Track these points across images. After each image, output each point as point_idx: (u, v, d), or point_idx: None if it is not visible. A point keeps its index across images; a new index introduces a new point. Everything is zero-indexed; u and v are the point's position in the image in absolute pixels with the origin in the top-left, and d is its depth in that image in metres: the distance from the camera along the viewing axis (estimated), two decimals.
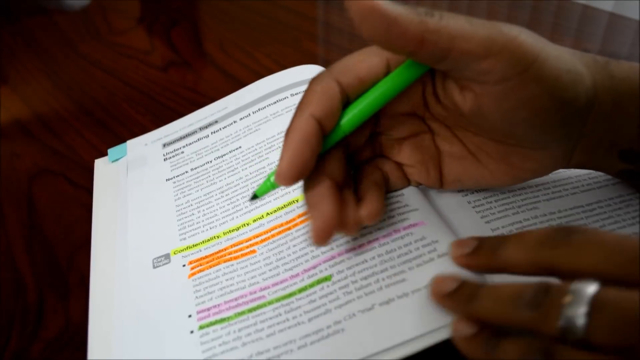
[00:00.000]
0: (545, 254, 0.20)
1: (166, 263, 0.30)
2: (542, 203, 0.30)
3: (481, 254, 0.23)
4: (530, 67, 0.21)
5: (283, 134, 0.35)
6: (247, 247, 0.29)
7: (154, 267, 0.30)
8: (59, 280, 0.31)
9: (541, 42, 0.22)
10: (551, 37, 0.57)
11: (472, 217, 0.29)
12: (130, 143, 0.41)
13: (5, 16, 0.69)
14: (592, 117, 0.24)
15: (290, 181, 0.23)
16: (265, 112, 0.38)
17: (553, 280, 0.20)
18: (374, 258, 0.26)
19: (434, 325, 0.23)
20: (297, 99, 0.37)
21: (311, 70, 0.42)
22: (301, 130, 0.23)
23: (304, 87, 0.38)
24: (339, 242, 0.27)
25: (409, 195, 0.29)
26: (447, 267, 0.24)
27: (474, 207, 0.30)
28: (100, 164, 0.38)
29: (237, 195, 0.33)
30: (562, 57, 0.23)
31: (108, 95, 0.50)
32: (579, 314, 0.18)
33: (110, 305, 0.28)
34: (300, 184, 0.25)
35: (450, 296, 0.22)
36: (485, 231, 0.28)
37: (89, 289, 0.29)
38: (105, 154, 0.39)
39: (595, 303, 0.18)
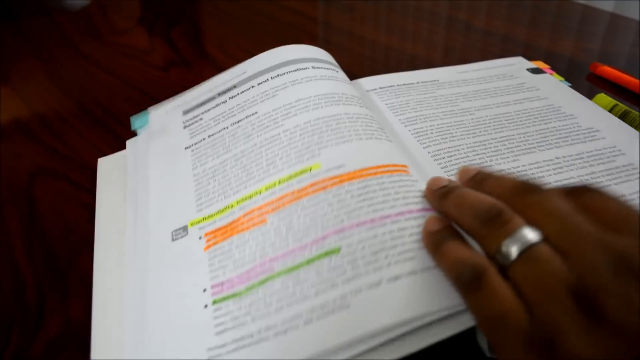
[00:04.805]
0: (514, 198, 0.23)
1: (184, 235, 0.30)
2: None
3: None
4: None
5: (300, 102, 0.35)
6: (259, 215, 0.29)
7: (173, 239, 0.29)
8: (59, 280, 0.31)
9: None
10: (551, 37, 0.57)
11: None
12: (152, 110, 0.41)
13: (6, 16, 0.69)
14: None
15: None
16: (284, 79, 0.37)
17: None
18: (384, 234, 0.25)
19: (440, 305, 0.22)
20: (319, 72, 0.37)
21: (331, 57, 0.42)
22: None
23: (327, 65, 0.39)
24: (350, 215, 0.26)
25: (423, 185, 0.28)
26: None
27: None
28: (103, 163, 0.38)
29: (251, 162, 0.32)
30: None
31: (108, 95, 0.50)
32: (511, 253, 0.20)
33: (114, 301, 0.28)
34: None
35: (433, 192, 0.26)
36: None
37: (89, 288, 0.29)
38: (105, 153, 0.39)
39: (526, 253, 0.20)
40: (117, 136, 0.41)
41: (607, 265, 0.18)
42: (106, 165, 0.38)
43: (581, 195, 0.22)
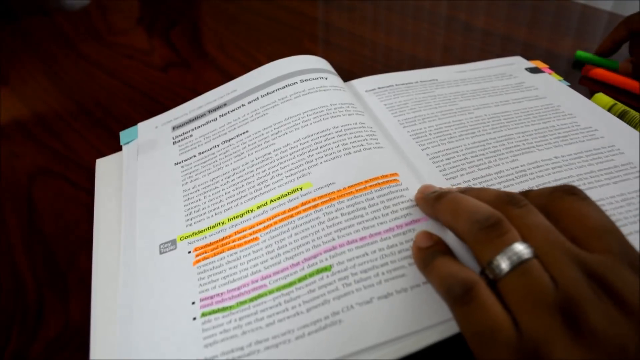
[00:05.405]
0: (500, 208, 0.23)
1: (172, 249, 0.30)
2: None
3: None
4: None
5: (290, 120, 0.35)
6: (251, 234, 0.29)
7: (161, 252, 0.30)
8: (59, 280, 0.31)
9: None
10: (550, 37, 0.57)
11: None
12: (142, 125, 0.41)
13: (5, 16, 0.69)
14: None
15: None
16: (274, 97, 0.38)
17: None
18: (375, 252, 0.26)
19: (431, 322, 0.23)
20: (307, 85, 0.38)
21: (320, 61, 0.42)
22: None
23: (315, 75, 0.39)
24: (341, 232, 0.27)
25: (413, 191, 0.29)
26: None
27: None
28: (101, 164, 0.38)
29: (242, 181, 0.33)
30: None
31: (108, 95, 0.50)
32: (504, 266, 0.20)
33: (112, 302, 0.28)
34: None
35: (425, 197, 0.27)
36: None
37: (88, 288, 0.29)
38: (105, 154, 0.39)
39: (519, 267, 0.20)
40: (116, 137, 0.41)
41: (586, 281, 0.19)
42: (104, 166, 0.38)
43: (563, 198, 0.22)
